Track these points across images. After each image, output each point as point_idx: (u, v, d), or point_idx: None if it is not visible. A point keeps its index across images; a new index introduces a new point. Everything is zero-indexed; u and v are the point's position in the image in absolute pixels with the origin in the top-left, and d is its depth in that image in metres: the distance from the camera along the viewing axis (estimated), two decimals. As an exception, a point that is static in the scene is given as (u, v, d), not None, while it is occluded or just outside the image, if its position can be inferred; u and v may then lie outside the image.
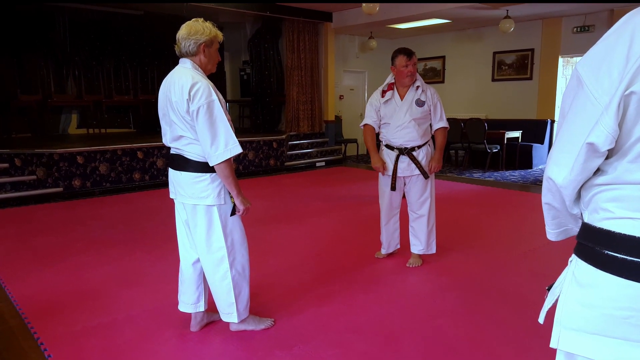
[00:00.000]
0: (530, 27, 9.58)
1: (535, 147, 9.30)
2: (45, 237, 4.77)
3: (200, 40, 2.43)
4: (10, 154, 6.55)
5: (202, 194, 2.47)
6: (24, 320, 2.94)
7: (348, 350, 2.55)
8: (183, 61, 2.49)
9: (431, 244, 3.82)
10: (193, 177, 2.47)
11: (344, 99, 11.64)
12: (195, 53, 2.45)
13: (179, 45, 2.46)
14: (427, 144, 3.72)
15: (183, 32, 2.44)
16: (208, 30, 2.46)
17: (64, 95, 9.47)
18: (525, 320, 2.89)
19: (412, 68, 3.55)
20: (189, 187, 2.48)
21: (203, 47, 2.45)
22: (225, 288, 2.58)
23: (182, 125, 2.40)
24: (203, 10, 9.11)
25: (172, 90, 2.38)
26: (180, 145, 2.47)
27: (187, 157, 2.47)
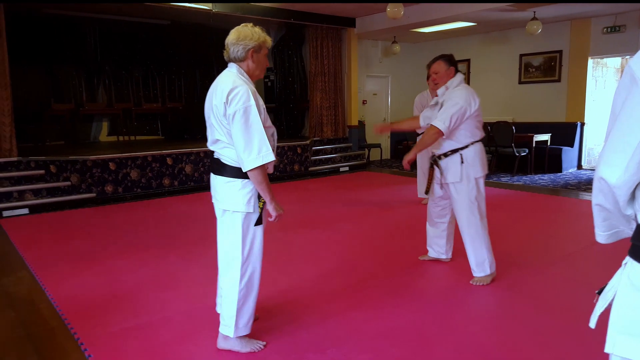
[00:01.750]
0: (558, 28, 9.44)
1: (564, 150, 9.15)
2: (80, 241, 4.90)
3: (249, 45, 2.42)
4: (46, 161, 6.77)
5: (231, 199, 2.46)
6: (64, 322, 3.03)
7: (380, 355, 2.55)
8: (230, 66, 2.49)
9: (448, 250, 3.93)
10: (225, 181, 2.48)
11: (367, 104, 11.64)
12: (243, 58, 2.44)
13: (228, 50, 2.45)
14: (458, 152, 3.46)
15: (232, 37, 2.44)
16: (257, 36, 2.45)
17: (95, 104, 9.74)
18: (561, 326, 2.86)
19: (434, 77, 3.53)
20: (221, 191, 2.50)
21: (251, 52, 2.44)
22: (230, 298, 2.51)
23: (219, 128, 2.41)
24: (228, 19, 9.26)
25: (214, 94, 2.40)
26: (217, 148, 2.50)
27: (222, 161, 2.49)
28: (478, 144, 3.47)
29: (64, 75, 9.48)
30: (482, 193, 3.51)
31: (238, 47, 2.42)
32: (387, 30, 9.95)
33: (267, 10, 8.82)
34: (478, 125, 3.47)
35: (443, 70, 3.49)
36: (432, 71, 3.52)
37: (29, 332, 2.92)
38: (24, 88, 8.81)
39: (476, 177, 3.45)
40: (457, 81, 3.48)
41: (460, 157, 3.43)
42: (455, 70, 3.53)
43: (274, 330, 2.84)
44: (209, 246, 4.58)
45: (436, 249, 3.97)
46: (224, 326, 2.57)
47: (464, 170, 3.43)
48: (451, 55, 3.56)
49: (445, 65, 3.48)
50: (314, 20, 9.54)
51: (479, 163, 3.45)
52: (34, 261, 4.23)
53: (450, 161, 3.47)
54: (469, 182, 3.44)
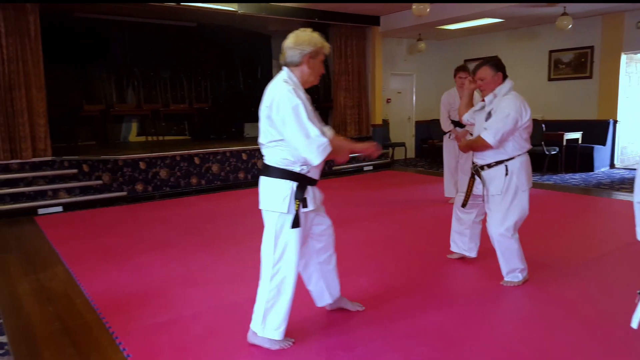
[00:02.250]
0: (589, 23, 9.23)
1: (596, 148, 8.94)
2: (112, 238, 5.03)
3: (306, 50, 2.42)
4: (79, 161, 6.96)
5: (267, 198, 2.50)
6: (98, 316, 3.12)
7: (409, 353, 2.54)
8: (282, 70, 2.51)
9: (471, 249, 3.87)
10: (264, 181, 2.52)
11: (391, 103, 11.59)
12: (298, 63, 2.45)
13: (284, 54, 2.46)
14: (504, 163, 3.30)
15: (289, 42, 2.45)
16: (315, 41, 2.45)
17: (125, 105, 9.95)
18: (594, 328, 2.81)
19: (479, 84, 3.41)
20: (260, 190, 2.55)
21: (308, 57, 2.44)
22: (260, 296, 2.56)
23: (265, 130, 2.46)
24: (254, 20, 9.36)
25: (264, 97, 2.46)
26: (262, 149, 2.55)
27: (264, 161, 2.54)
28: (525, 155, 3.33)
29: (95, 77, 9.72)
30: (523, 207, 3.34)
31: (295, 51, 2.43)
32: (412, 28, 9.89)
33: (292, 11, 8.87)
34: (527, 137, 3.33)
35: (490, 76, 3.32)
36: (478, 77, 3.37)
37: (65, 325, 3.01)
38: (57, 90, 9.05)
39: (521, 190, 3.30)
40: (506, 88, 3.32)
41: (506, 169, 3.29)
42: (504, 75, 3.35)
43: (302, 328, 2.86)
44: (236, 244, 4.67)
45: (459, 244, 3.88)
46: (254, 322, 2.62)
47: (507, 182, 3.29)
48: (498, 60, 3.38)
49: (492, 71, 3.31)
50: (338, 19, 9.55)
51: (525, 175, 3.31)
52: (68, 257, 4.36)
53: (494, 172, 3.34)
54: (509, 194, 3.30)
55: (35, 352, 2.69)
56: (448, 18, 8.92)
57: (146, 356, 2.58)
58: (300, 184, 2.48)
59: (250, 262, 4.07)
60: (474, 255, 3.89)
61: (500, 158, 3.30)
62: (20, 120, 6.75)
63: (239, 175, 8.16)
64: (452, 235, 3.94)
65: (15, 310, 3.28)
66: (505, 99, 3.28)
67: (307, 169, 2.49)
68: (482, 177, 3.39)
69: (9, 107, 6.68)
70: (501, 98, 3.31)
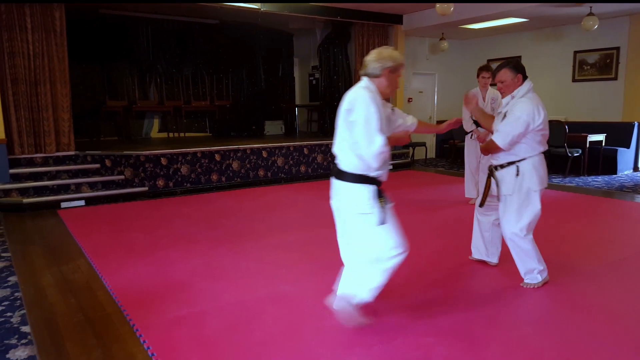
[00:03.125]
0: (616, 24, 9.04)
1: (620, 151, 8.76)
2: (133, 232, 5.09)
3: (387, 65, 2.65)
4: (102, 156, 7.07)
5: (351, 202, 2.67)
6: (120, 308, 3.16)
7: (428, 353, 2.53)
8: (362, 79, 2.71)
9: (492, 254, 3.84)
10: (345, 186, 2.69)
11: (412, 102, 11.52)
12: (378, 75, 2.67)
13: (365, 67, 2.69)
14: (515, 164, 3.30)
15: (372, 56, 2.68)
16: (395, 57, 2.69)
17: (147, 101, 10.09)
18: (615, 332, 2.76)
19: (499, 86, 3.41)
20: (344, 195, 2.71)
21: (388, 71, 2.67)
22: (360, 274, 2.75)
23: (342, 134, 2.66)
24: (277, 18, 9.39)
25: (342, 102, 2.65)
26: (340, 154, 2.72)
27: (341, 167, 2.70)
28: (537, 156, 3.31)
29: (119, 73, 9.88)
30: (535, 208, 3.32)
31: (376, 64, 2.66)
32: (435, 27, 9.81)
33: (314, 9, 8.87)
34: (541, 140, 3.29)
35: (509, 79, 3.29)
36: (498, 80, 3.35)
37: (88, 317, 3.06)
38: (81, 85, 9.23)
39: (532, 191, 3.29)
40: (523, 90, 3.29)
41: (517, 169, 3.29)
42: (523, 77, 3.31)
43: (321, 325, 2.87)
44: (256, 240, 4.69)
45: (480, 249, 3.87)
46: (346, 289, 2.79)
47: (518, 182, 3.29)
48: (517, 62, 3.37)
49: (512, 73, 3.28)
50: (360, 17, 9.52)
51: (536, 176, 3.28)
52: (90, 250, 4.44)
53: (505, 173, 3.34)
54: (521, 195, 3.30)
55: (58, 342, 2.74)
56: (472, 17, 8.82)
57: (166, 349, 2.61)
58: (377, 187, 2.67)
59: (269, 259, 4.12)
60: (495, 261, 3.84)
61: (512, 159, 3.31)
62: (45, 115, 6.89)
63: (259, 173, 8.20)
64: (473, 240, 3.93)
65: (39, 301, 3.34)
66: (520, 101, 3.26)
67: (381, 174, 2.68)
68: (495, 178, 3.41)
69: (34, 102, 6.82)
70: (517, 100, 3.28)
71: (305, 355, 2.53)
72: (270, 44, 11.48)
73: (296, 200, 6.86)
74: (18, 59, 6.64)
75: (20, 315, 3.12)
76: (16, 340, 2.78)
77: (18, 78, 6.66)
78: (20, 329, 2.92)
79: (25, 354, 2.63)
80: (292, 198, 7.00)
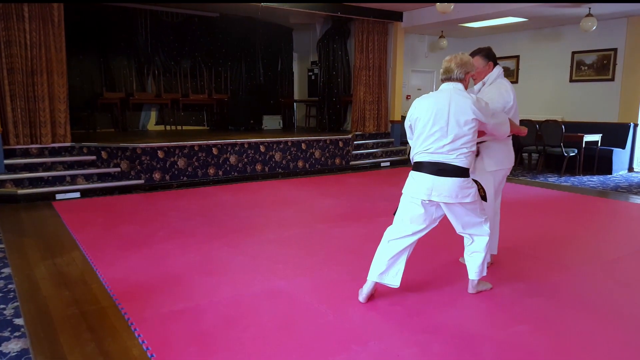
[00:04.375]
0: (614, 25, 9.05)
1: (615, 151, 8.79)
2: (129, 225, 5.07)
3: (469, 70, 3.02)
4: (98, 147, 7.04)
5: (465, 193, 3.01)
6: (114, 302, 3.15)
7: (423, 350, 2.54)
8: (455, 84, 2.99)
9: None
10: (459, 182, 2.98)
11: (411, 99, 11.52)
12: (462, 79, 3.00)
13: (451, 71, 2.98)
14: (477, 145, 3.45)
15: (455, 62, 2.97)
16: (472, 63, 3.07)
17: (144, 93, 10.04)
18: (611, 330, 2.77)
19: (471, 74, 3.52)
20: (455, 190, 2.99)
21: (469, 76, 3.06)
22: (484, 250, 3.21)
23: (458, 134, 2.92)
24: (277, 12, 9.34)
25: (451, 104, 2.92)
26: (453, 152, 2.96)
27: (455, 164, 2.96)
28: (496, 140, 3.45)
29: (116, 65, 9.82)
30: (491, 188, 3.47)
31: (461, 69, 2.98)
32: (435, 25, 9.79)
33: (315, 4, 8.84)
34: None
35: (481, 66, 3.46)
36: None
37: (82, 310, 3.05)
38: (78, 76, 9.18)
39: (490, 171, 3.47)
40: (494, 75, 3.48)
41: (477, 150, 3.42)
42: (494, 64, 3.48)
43: (316, 321, 2.87)
44: (252, 235, 4.69)
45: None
46: (476, 273, 3.22)
47: (477, 163, 3.45)
48: (489, 49, 3.51)
49: (483, 60, 3.47)
50: (360, 14, 9.49)
51: (493, 157, 3.46)
52: (85, 243, 4.42)
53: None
54: (480, 175, 3.44)
55: (51, 335, 2.73)
56: (472, 16, 8.81)
57: (161, 343, 2.60)
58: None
59: (266, 254, 4.11)
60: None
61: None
62: (41, 106, 6.84)
63: (256, 167, 8.18)
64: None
65: (32, 293, 3.32)
66: (492, 86, 3.44)
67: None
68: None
69: (30, 92, 6.77)
70: (487, 86, 3.46)
71: (300, 351, 2.53)
72: (270, 39, 11.44)
73: (293, 195, 6.85)
74: (15, 49, 6.58)
75: (14, 308, 3.10)
76: (9, 332, 2.77)
77: (14, 68, 6.61)
78: (13, 322, 2.90)
79: (19, 346, 2.61)
80: (290, 193, 6.99)
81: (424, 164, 3.01)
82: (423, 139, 2.99)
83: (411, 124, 3.10)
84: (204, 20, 10.40)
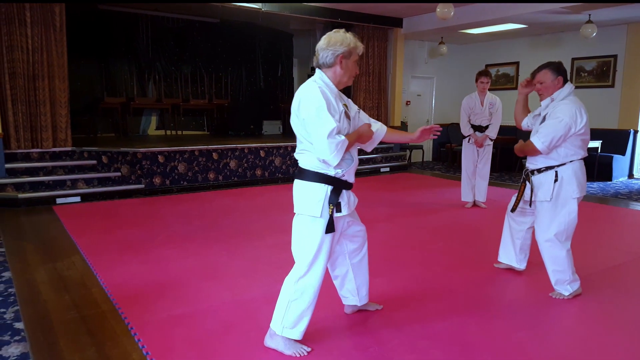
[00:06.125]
0: (614, 32, 9.09)
1: (615, 158, 8.81)
2: (129, 229, 5.07)
3: (339, 51, 2.39)
4: (98, 152, 7.05)
5: (300, 201, 2.60)
6: (114, 306, 3.15)
7: (423, 355, 2.53)
8: (315, 72, 2.50)
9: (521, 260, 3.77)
10: (299, 184, 2.58)
11: (410, 105, 11.54)
12: (332, 64, 2.42)
13: (317, 56, 2.44)
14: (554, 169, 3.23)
15: (322, 43, 2.42)
16: (348, 41, 2.41)
17: (145, 98, 10.06)
18: (612, 337, 2.77)
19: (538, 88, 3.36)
20: (295, 193, 2.63)
21: (340, 58, 2.40)
22: (283, 294, 2.57)
23: (297, 132, 2.50)
24: (277, 18, 9.39)
25: (294, 100, 2.49)
26: (296, 153, 2.62)
27: (300, 165, 2.61)
28: (578, 162, 3.24)
29: (117, 70, 9.85)
30: (571, 215, 3.26)
31: (327, 52, 2.40)
32: (435, 31, 9.84)
33: (315, 10, 8.88)
34: (582, 145, 3.22)
35: (549, 80, 3.22)
36: (537, 81, 3.29)
37: (82, 314, 3.05)
38: (79, 81, 9.21)
39: (570, 198, 3.22)
40: (565, 92, 3.22)
41: (555, 175, 3.21)
42: (564, 80, 3.24)
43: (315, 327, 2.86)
44: (251, 240, 4.69)
45: (509, 254, 3.75)
46: (274, 321, 2.56)
47: (556, 188, 3.21)
48: (560, 64, 3.27)
49: (553, 74, 3.21)
50: (360, 20, 9.54)
51: (576, 182, 3.20)
52: (85, 247, 4.42)
53: (543, 178, 3.26)
54: (559, 201, 3.23)
55: (51, 339, 2.72)
56: (472, 22, 8.85)
57: (161, 348, 2.60)
58: (335, 188, 2.46)
59: (265, 259, 4.11)
60: (522, 267, 3.74)
61: (551, 164, 3.23)
62: (42, 110, 6.86)
63: (256, 172, 8.19)
64: (502, 246, 3.81)
65: (32, 297, 3.32)
66: (562, 103, 3.18)
67: (342, 173, 2.47)
68: (531, 182, 3.33)
69: (32, 97, 6.79)
70: (558, 103, 3.21)
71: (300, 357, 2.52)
72: (270, 44, 11.48)
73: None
74: (17, 53, 6.61)
75: (14, 312, 3.10)
76: (9, 336, 2.77)
77: (16, 72, 6.64)
78: (13, 326, 2.90)
79: (18, 350, 2.61)
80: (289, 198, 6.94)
81: None
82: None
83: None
84: (204, 25, 10.44)
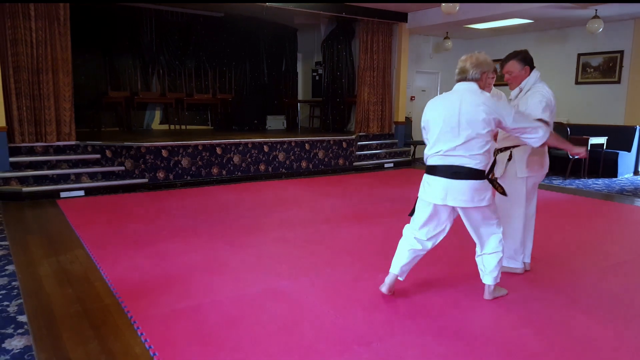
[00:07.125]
0: (621, 27, 9.01)
1: (621, 154, 8.75)
2: (133, 224, 5.08)
3: (485, 69, 2.93)
4: (102, 146, 7.06)
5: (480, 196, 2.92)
6: (117, 300, 3.15)
7: (425, 351, 2.53)
8: (468, 83, 2.91)
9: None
10: (472, 184, 2.89)
11: (415, 100, 11.50)
12: (478, 79, 2.92)
13: (466, 71, 2.91)
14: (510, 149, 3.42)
15: (471, 62, 2.90)
16: (489, 62, 2.97)
17: (149, 92, 10.05)
18: (616, 333, 2.75)
19: (507, 78, 3.47)
20: (469, 193, 2.90)
21: (486, 75, 2.96)
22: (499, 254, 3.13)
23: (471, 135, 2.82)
24: (281, 12, 9.34)
25: (462, 104, 2.84)
26: (462, 154, 2.87)
27: (467, 166, 2.86)
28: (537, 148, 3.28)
29: (121, 64, 9.84)
30: (522, 194, 3.43)
31: (477, 69, 2.90)
32: (440, 26, 9.77)
33: (320, 4, 8.84)
34: None
35: (517, 70, 3.34)
36: (505, 71, 3.39)
37: (85, 308, 3.05)
38: (83, 75, 9.20)
39: (516, 176, 3.40)
40: (532, 80, 3.33)
41: (510, 154, 3.38)
42: (531, 69, 3.34)
43: (319, 321, 2.86)
44: (254, 235, 4.69)
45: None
46: (492, 278, 3.14)
47: (508, 167, 3.39)
48: (525, 52, 3.37)
49: (519, 64, 3.32)
50: (365, 14, 9.49)
51: (525, 163, 3.36)
52: (89, 241, 4.43)
53: (499, 157, 3.41)
54: (506, 180, 3.38)
55: (54, 332, 2.73)
56: (477, 17, 8.79)
57: (163, 342, 2.60)
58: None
59: (268, 254, 4.11)
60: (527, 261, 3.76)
61: (507, 144, 3.38)
62: (47, 104, 6.86)
63: (260, 167, 8.18)
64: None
65: (36, 291, 3.33)
66: (533, 90, 3.29)
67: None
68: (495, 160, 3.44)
69: (36, 90, 6.79)
70: (526, 92, 3.32)
71: (303, 351, 2.52)
72: (275, 39, 11.44)
73: (296, 195, 6.84)
74: (21, 47, 6.60)
75: (17, 305, 3.11)
76: (12, 329, 2.77)
77: (20, 66, 6.63)
78: (16, 319, 2.91)
79: (22, 343, 2.62)
80: (293, 193, 6.99)
81: (437, 167, 2.93)
82: (434, 141, 2.92)
83: (424, 125, 3.02)
84: (208, 20, 10.41)
